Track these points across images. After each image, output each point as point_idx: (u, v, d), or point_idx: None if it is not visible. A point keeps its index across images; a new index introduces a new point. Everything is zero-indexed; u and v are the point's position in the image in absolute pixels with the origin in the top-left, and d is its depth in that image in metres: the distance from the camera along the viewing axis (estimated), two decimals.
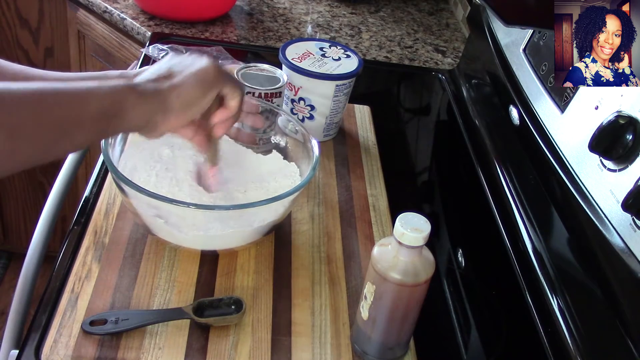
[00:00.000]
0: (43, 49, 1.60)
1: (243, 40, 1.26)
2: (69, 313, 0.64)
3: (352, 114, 1.05)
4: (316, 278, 0.74)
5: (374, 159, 0.95)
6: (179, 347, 0.63)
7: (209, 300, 0.67)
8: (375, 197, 0.88)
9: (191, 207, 0.66)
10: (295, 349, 0.65)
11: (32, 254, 0.80)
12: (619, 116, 0.60)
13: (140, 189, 0.65)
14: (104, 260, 0.71)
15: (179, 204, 0.65)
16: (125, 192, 0.68)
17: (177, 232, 0.69)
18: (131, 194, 0.67)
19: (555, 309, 0.65)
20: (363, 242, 0.80)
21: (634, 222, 0.56)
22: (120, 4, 1.28)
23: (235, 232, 0.71)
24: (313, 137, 0.78)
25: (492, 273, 0.81)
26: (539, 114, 0.77)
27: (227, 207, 0.70)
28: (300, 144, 0.80)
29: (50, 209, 0.84)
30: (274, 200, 0.68)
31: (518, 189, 0.81)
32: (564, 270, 0.67)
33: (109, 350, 0.62)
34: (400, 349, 0.66)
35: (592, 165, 0.64)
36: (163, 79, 0.60)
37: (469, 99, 1.07)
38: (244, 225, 0.70)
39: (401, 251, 0.59)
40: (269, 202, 0.68)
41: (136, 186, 0.65)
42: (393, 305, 0.61)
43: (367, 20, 1.43)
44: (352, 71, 0.92)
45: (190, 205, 0.67)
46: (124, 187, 0.66)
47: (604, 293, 0.60)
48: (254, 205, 0.68)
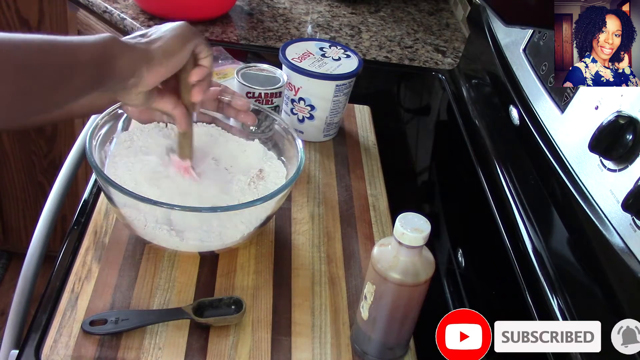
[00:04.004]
0: None
1: (243, 40, 1.26)
2: (69, 313, 0.64)
3: (352, 114, 1.05)
4: (316, 278, 0.74)
5: (374, 159, 0.95)
6: (179, 347, 0.63)
7: (209, 300, 0.67)
8: (375, 197, 0.88)
9: (176, 209, 0.66)
10: (295, 349, 0.65)
11: (32, 254, 0.80)
12: (619, 116, 0.60)
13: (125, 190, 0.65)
14: (104, 260, 0.71)
15: (163, 205, 0.65)
16: (113, 199, 0.68)
17: (171, 237, 0.69)
18: (118, 200, 0.67)
19: (555, 309, 0.65)
20: (363, 242, 0.80)
21: (634, 222, 0.56)
22: (120, 4, 1.28)
23: (223, 232, 0.70)
24: (298, 137, 0.77)
25: (492, 273, 0.81)
26: (539, 114, 0.77)
27: (211, 208, 0.70)
28: (290, 144, 0.80)
29: (50, 209, 0.84)
30: (256, 202, 0.68)
31: (518, 189, 0.81)
32: (564, 270, 0.67)
33: (109, 350, 0.62)
34: (400, 349, 0.66)
35: (592, 165, 0.64)
36: (146, 34, 0.66)
37: (469, 99, 1.07)
38: (231, 225, 0.70)
39: (401, 251, 0.59)
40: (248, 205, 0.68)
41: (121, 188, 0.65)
42: (393, 305, 0.61)
43: (367, 20, 1.43)
44: (352, 71, 0.92)
45: (175, 207, 0.66)
46: (112, 193, 0.67)
47: (604, 293, 0.60)
48: (235, 208, 0.69)
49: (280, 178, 0.78)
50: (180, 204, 0.67)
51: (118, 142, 0.76)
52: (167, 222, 0.69)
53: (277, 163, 0.81)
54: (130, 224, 0.70)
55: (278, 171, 0.79)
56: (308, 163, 0.92)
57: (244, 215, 0.70)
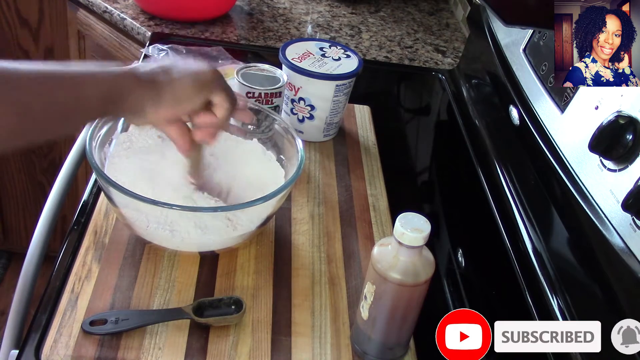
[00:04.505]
0: (43, 49, 1.60)
1: (243, 40, 1.26)
2: (69, 313, 0.64)
3: (352, 114, 1.05)
4: (316, 278, 0.74)
5: (374, 159, 0.95)
6: (179, 347, 0.63)
7: (209, 300, 0.67)
8: (375, 197, 0.88)
9: (176, 209, 0.66)
10: (295, 349, 0.65)
11: (32, 254, 0.80)
12: (619, 116, 0.60)
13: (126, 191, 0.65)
14: (104, 260, 0.71)
15: (163, 205, 0.65)
16: (113, 200, 0.68)
17: (171, 236, 0.69)
18: (118, 200, 0.67)
19: (555, 309, 0.65)
20: (363, 242, 0.80)
21: (634, 222, 0.56)
22: (120, 4, 1.28)
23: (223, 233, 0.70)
24: (298, 137, 0.77)
25: (492, 273, 0.81)
26: (539, 114, 0.77)
27: (212, 208, 0.70)
28: (290, 144, 0.80)
29: (50, 209, 0.84)
30: (256, 202, 0.68)
31: (518, 189, 0.81)
32: (564, 270, 0.67)
33: (109, 350, 0.62)
34: (400, 349, 0.66)
35: (592, 165, 0.64)
36: (162, 72, 0.63)
37: (469, 99, 1.07)
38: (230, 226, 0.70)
39: (401, 251, 0.59)
40: (250, 205, 0.68)
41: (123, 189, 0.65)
42: (393, 305, 0.61)
43: (367, 20, 1.43)
44: (352, 71, 0.92)
45: (174, 207, 0.66)
46: (112, 194, 0.67)
47: (604, 293, 0.60)
48: (235, 208, 0.69)
49: (279, 177, 0.78)
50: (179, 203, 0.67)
51: (117, 143, 0.76)
52: (169, 222, 0.68)
53: (275, 163, 0.81)
54: (132, 224, 0.70)
55: (276, 171, 0.79)
56: (308, 163, 0.92)
57: (245, 215, 0.70)
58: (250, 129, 0.83)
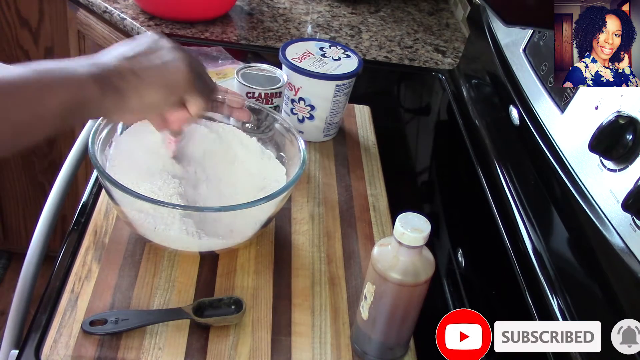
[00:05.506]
0: (43, 49, 1.60)
1: (243, 40, 1.26)
2: (69, 313, 0.64)
3: (352, 114, 1.05)
4: (316, 278, 0.74)
5: (374, 159, 0.95)
6: (179, 347, 0.63)
7: (209, 300, 0.67)
8: (375, 197, 0.88)
9: (177, 209, 0.67)
10: (295, 349, 0.65)
11: (32, 254, 0.79)
12: (619, 116, 0.60)
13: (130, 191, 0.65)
14: (104, 260, 0.71)
15: (165, 205, 0.65)
16: (114, 198, 0.68)
17: (170, 235, 0.69)
18: (120, 199, 0.67)
19: (555, 309, 0.65)
20: (363, 242, 0.80)
21: (634, 222, 0.56)
22: (120, 4, 1.28)
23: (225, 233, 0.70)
24: (299, 137, 0.77)
25: (492, 273, 0.81)
26: (539, 114, 0.77)
27: (213, 208, 0.70)
28: (292, 144, 0.80)
29: (50, 209, 0.84)
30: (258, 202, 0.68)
31: (518, 189, 0.81)
32: (564, 270, 0.67)
33: (109, 350, 0.62)
34: (400, 349, 0.66)
35: (592, 165, 0.64)
36: (128, 71, 0.59)
37: (469, 99, 1.07)
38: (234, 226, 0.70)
39: (401, 251, 0.59)
40: (252, 205, 0.68)
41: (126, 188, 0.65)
42: (393, 305, 0.61)
43: (367, 20, 1.43)
44: (352, 71, 0.92)
45: (177, 207, 0.67)
46: (113, 193, 0.67)
47: (604, 293, 0.60)
48: (238, 208, 0.68)
49: (281, 175, 0.78)
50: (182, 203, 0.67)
51: (117, 143, 0.76)
52: (169, 222, 0.69)
53: (275, 162, 0.81)
54: (132, 223, 0.70)
55: (276, 171, 0.79)
56: (308, 163, 0.92)
57: (247, 215, 0.70)
58: (249, 127, 0.83)
